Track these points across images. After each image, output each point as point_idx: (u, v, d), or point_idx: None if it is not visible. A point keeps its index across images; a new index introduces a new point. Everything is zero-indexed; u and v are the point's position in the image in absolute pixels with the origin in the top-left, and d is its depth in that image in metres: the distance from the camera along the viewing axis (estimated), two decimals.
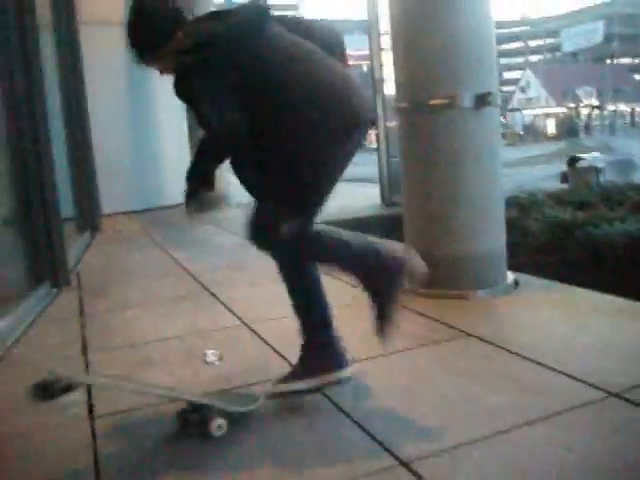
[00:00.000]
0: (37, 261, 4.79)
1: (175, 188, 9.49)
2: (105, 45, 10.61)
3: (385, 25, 8.54)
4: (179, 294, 4.42)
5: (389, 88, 8.57)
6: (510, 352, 2.82)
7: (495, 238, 3.85)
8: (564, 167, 12.82)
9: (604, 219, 5.17)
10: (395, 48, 3.93)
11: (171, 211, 10.68)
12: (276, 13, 2.33)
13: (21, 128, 4.63)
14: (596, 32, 69.92)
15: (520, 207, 6.76)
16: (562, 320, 3.28)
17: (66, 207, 7.59)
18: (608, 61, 69.44)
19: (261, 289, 4.33)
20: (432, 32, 3.65)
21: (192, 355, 3.09)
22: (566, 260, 5.12)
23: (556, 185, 10.67)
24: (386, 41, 8.53)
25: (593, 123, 56.61)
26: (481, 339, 3.03)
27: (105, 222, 9.42)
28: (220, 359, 3.03)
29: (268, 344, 3.17)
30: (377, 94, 8.69)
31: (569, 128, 43.58)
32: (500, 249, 3.88)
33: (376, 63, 8.63)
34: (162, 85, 2.61)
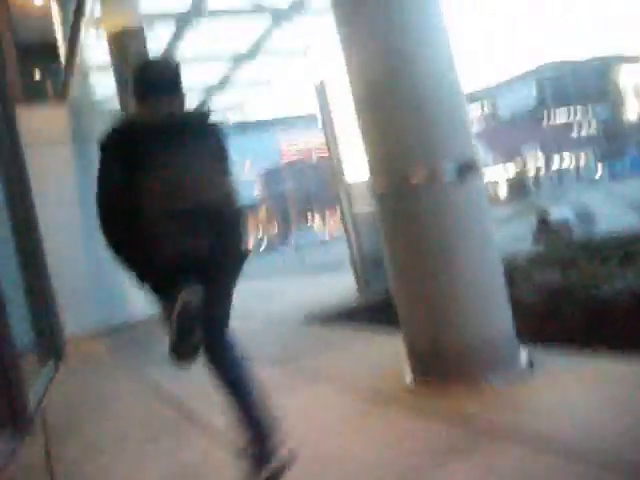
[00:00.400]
0: None
1: (138, 304, 9.04)
2: (54, 166, 10.39)
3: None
4: (158, 426, 3.92)
5: (350, 176, 8.41)
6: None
7: (502, 321, 3.49)
8: (526, 228, 12.74)
9: (599, 278, 4.89)
10: (364, 132, 3.67)
11: (138, 326, 10.19)
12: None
13: None
14: (530, 96, 72.93)
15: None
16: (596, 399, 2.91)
17: (25, 338, 7.07)
18: (545, 121, 72.09)
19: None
20: (401, 107, 3.40)
21: None
22: (567, 326, 4.80)
23: (527, 247, 10.49)
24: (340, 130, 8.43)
25: (541, 181, 57.96)
26: (513, 439, 2.62)
27: (69, 346, 8.87)
28: None
29: None
30: (339, 184, 8.51)
31: (520, 189, 44.39)
32: (508, 331, 3.51)
33: (334, 154, 8.47)
34: None
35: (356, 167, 8.49)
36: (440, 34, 3.51)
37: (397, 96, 3.41)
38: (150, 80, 2.64)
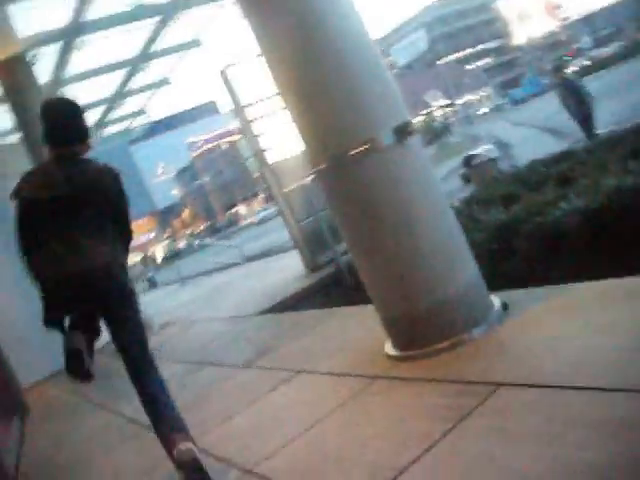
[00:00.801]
0: None
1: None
2: None
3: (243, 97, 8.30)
4: (145, 469, 3.74)
5: (271, 156, 8.28)
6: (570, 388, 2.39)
7: (469, 270, 3.46)
8: (449, 169, 12.92)
9: (544, 205, 4.94)
10: (295, 111, 3.54)
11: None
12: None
13: None
14: (421, 40, 73.87)
15: None
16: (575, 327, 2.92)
17: None
18: (440, 62, 73.23)
19: (239, 419, 3.76)
20: (324, 75, 3.30)
21: None
22: (524, 260, 4.84)
23: (458, 190, 10.64)
24: (252, 113, 8.26)
25: (451, 120, 59.01)
26: (517, 384, 2.60)
27: (29, 396, 8.49)
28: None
29: None
30: (263, 166, 8.35)
31: (431, 135, 45.00)
32: (477, 279, 3.49)
33: (249, 136, 8.30)
34: None
35: (274, 147, 8.37)
36: None
37: (319, 63, 3.29)
38: (53, 132, 3.03)
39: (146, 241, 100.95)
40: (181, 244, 61.34)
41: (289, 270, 9.21)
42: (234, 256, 17.35)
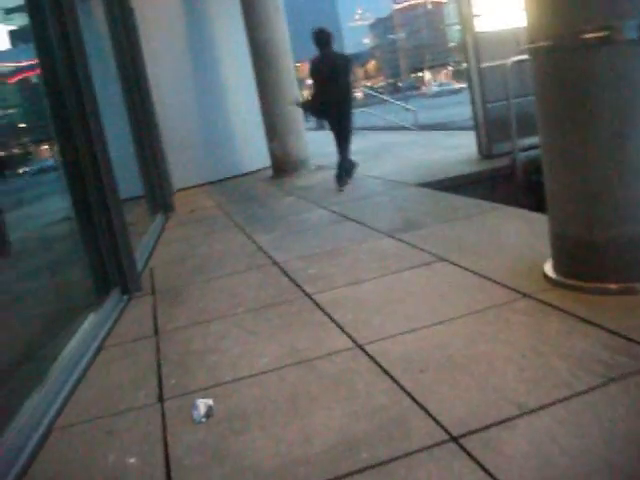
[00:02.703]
0: (102, 265, 4.16)
1: (247, 156, 9.11)
2: (163, 17, 9.99)
3: None
4: (268, 297, 3.67)
5: (479, 24, 7.49)
6: None
7: None
8: None
9: None
10: None
11: (246, 180, 10.04)
12: None
13: (68, 113, 3.95)
14: None
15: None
16: None
17: (136, 188, 7.03)
18: None
19: (366, 287, 3.54)
20: None
21: (297, 405, 2.33)
22: None
23: None
24: None
25: None
26: None
27: (178, 197, 8.87)
28: (208, 415, 2.32)
29: (396, 382, 2.36)
30: (467, 33, 7.60)
31: None
32: None
33: None
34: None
35: (487, 15, 7.58)
36: None
37: None
38: (319, 42, 6.96)
39: None
40: (358, 94, 60.99)
41: (459, 150, 8.65)
42: (407, 119, 16.77)
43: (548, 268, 3.19)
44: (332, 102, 6.90)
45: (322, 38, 6.94)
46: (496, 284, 3.18)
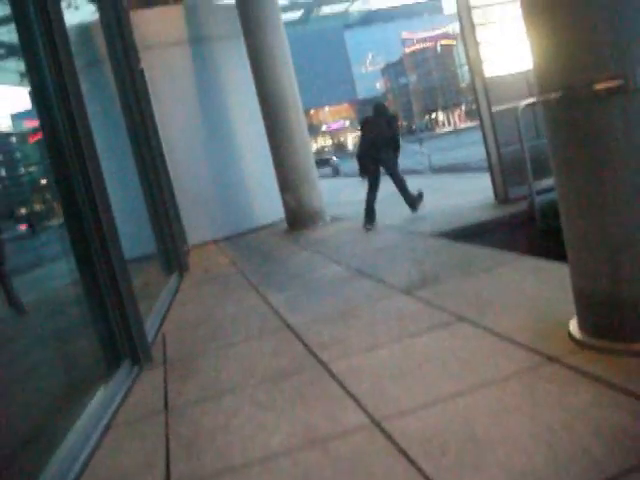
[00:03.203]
0: (112, 336, 4.05)
1: (262, 209, 9.06)
2: (170, 68, 10.09)
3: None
4: (282, 366, 3.53)
5: (488, 68, 7.46)
6: None
7: None
8: None
9: None
10: (531, 19, 2.88)
11: (261, 234, 9.97)
12: None
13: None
14: None
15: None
16: None
17: (152, 247, 6.99)
18: None
19: (383, 353, 3.38)
20: None
21: None
22: None
23: None
24: (478, 15, 7.42)
25: None
26: None
27: (193, 254, 8.82)
28: None
29: (416, 465, 2.19)
30: (476, 78, 7.56)
31: None
32: None
33: (470, 41, 7.50)
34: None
35: (495, 59, 7.56)
36: None
37: None
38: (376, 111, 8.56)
39: (340, 128, 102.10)
40: None
41: (475, 195, 8.54)
42: (421, 163, 16.75)
43: (573, 327, 3.02)
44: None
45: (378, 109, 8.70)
46: (519, 346, 3.02)
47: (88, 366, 4.41)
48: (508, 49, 7.38)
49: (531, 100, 6.65)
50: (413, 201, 8.36)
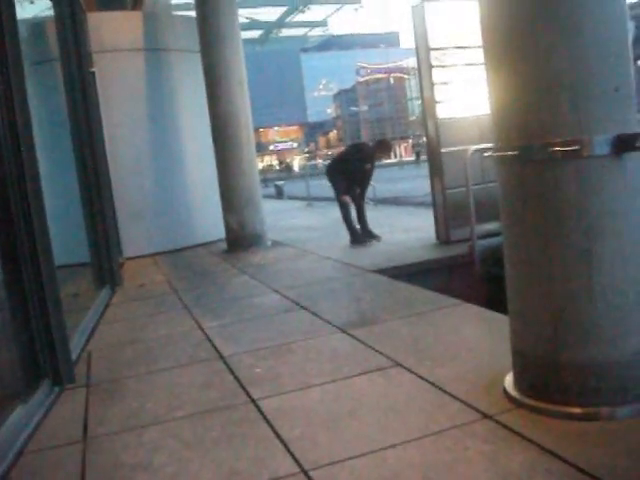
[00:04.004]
0: (33, 351, 3.84)
1: (203, 226, 8.89)
2: (121, 74, 9.86)
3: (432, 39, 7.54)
4: (210, 401, 3.40)
5: (441, 110, 7.55)
6: None
7: None
8: None
9: None
10: (493, 73, 2.89)
11: (200, 253, 9.79)
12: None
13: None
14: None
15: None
16: None
17: (83, 254, 6.75)
18: None
19: (315, 394, 3.30)
20: (552, 46, 2.61)
21: None
22: None
23: None
24: (436, 57, 7.52)
25: None
26: None
27: (128, 267, 8.57)
28: None
29: None
30: (428, 117, 7.65)
31: None
32: None
33: (426, 81, 7.58)
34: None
35: (449, 101, 7.66)
36: None
37: (550, 34, 2.61)
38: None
39: (288, 148, 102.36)
40: (319, 162, 61.43)
41: (417, 233, 8.60)
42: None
43: (508, 384, 3.02)
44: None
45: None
46: (454, 400, 2.99)
47: (3, 383, 4.17)
48: (463, 93, 7.49)
49: (481, 146, 6.74)
50: (356, 237, 8.48)
